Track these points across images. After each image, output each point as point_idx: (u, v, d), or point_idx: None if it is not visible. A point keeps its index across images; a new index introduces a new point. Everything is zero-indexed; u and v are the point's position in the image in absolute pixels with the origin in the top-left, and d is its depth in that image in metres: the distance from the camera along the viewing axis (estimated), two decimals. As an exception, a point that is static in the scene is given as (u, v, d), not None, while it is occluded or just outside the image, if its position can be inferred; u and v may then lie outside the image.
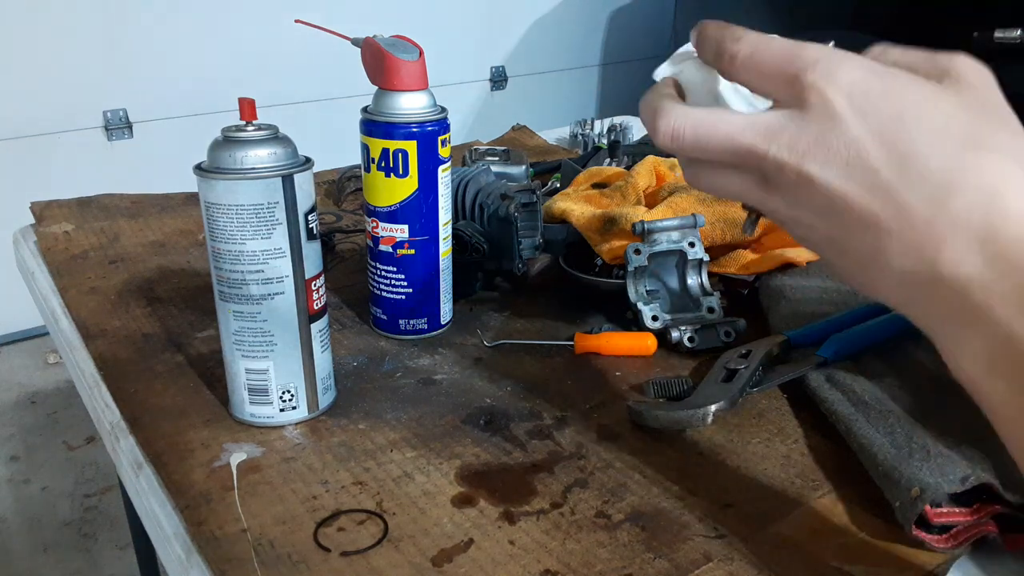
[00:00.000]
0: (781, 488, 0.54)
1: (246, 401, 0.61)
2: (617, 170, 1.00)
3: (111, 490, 1.87)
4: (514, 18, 3.20)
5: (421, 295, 0.73)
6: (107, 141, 2.46)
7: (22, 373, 2.37)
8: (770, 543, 0.49)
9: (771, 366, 0.64)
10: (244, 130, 0.56)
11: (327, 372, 0.63)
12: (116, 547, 1.71)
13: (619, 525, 0.51)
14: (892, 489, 0.49)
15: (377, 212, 0.71)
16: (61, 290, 0.85)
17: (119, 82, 2.43)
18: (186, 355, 0.71)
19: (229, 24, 2.54)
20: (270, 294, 0.58)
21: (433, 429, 0.61)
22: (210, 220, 0.56)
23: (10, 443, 2.06)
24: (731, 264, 0.78)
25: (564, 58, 3.39)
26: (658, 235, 0.74)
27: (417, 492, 0.54)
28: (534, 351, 0.72)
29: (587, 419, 0.62)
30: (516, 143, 1.37)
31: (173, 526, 0.52)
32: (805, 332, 0.67)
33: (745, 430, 0.60)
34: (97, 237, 0.97)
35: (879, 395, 0.58)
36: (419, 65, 0.67)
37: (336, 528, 0.51)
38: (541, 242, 0.81)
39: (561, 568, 0.47)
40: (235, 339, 0.59)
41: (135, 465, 0.59)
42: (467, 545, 0.49)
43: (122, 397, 0.66)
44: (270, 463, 0.57)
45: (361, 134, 0.69)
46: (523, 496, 0.53)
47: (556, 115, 3.09)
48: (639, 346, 0.71)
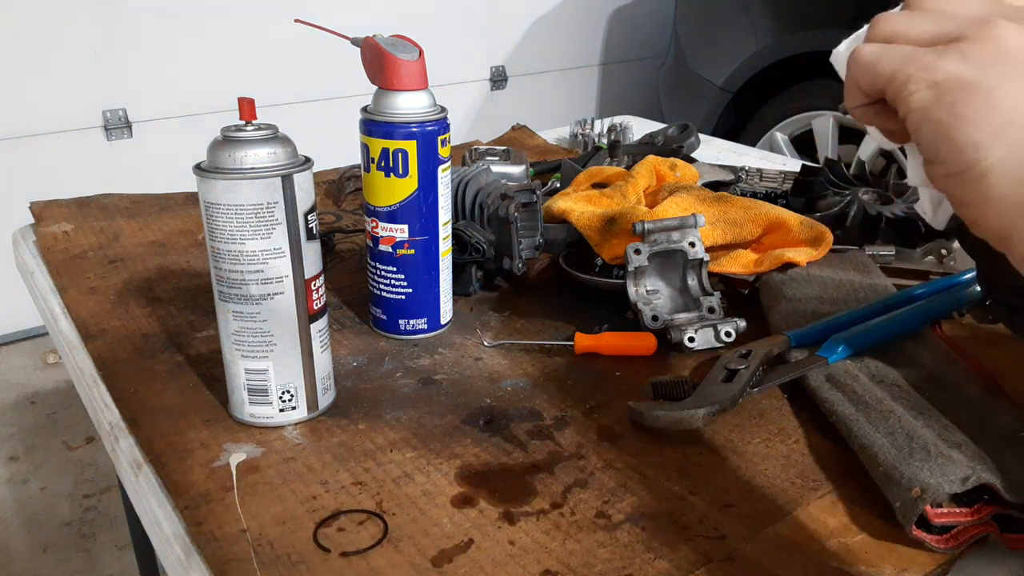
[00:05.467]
0: (781, 488, 0.54)
1: (246, 401, 0.60)
2: (617, 170, 1.00)
3: (111, 490, 1.87)
4: (514, 18, 3.20)
5: (421, 295, 0.73)
6: (106, 141, 2.46)
7: (22, 373, 2.37)
8: (770, 543, 0.49)
9: (771, 366, 0.64)
10: (244, 130, 0.56)
11: (327, 372, 0.63)
12: (116, 547, 1.71)
13: (619, 525, 0.51)
14: (892, 489, 0.49)
15: (377, 212, 0.70)
16: (60, 290, 0.85)
17: (119, 82, 2.43)
18: (186, 355, 0.71)
19: (229, 24, 2.54)
20: (270, 294, 0.58)
21: (433, 429, 0.61)
22: (210, 220, 0.56)
23: (10, 443, 2.06)
24: (731, 264, 0.78)
25: (564, 58, 3.39)
26: (658, 235, 0.74)
27: (417, 492, 0.54)
28: (534, 351, 0.72)
29: (587, 419, 0.62)
30: (516, 143, 1.37)
31: (173, 526, 0.52)
32: (805, 332, 0.67)
33: (745, 430, 0.60)
34: (96, 237, 0.97)
35: (879, 395, 0.58)
36: (419, 65, 0.67)
37: (336, 528, 0.51)
38: (541, 242, 0.81)
39: (561, 568, 0.47)
40: (235, 339, 0.59)
41: (135, 465, 0.59)
42: (467, 545, 0.49)
43: (122, 397, 0.66)
44: (270, 463, 0.57)
45: (361, 134, 0.69)
46: (523, 496, 0.53)
47: (556, 115, 3.09)
48: (639, 346, 0.71)
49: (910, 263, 0.81)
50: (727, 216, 0.81)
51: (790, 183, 1.03)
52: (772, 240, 0.81)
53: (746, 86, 2.33)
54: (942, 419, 0.55)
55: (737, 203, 0.82)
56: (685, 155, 1.16)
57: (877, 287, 0.74)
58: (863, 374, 0.61)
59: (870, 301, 0.71)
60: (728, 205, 0.82)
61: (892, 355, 0.64)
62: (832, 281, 0.75)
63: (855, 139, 2.12)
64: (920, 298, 0.70)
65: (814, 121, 2.19)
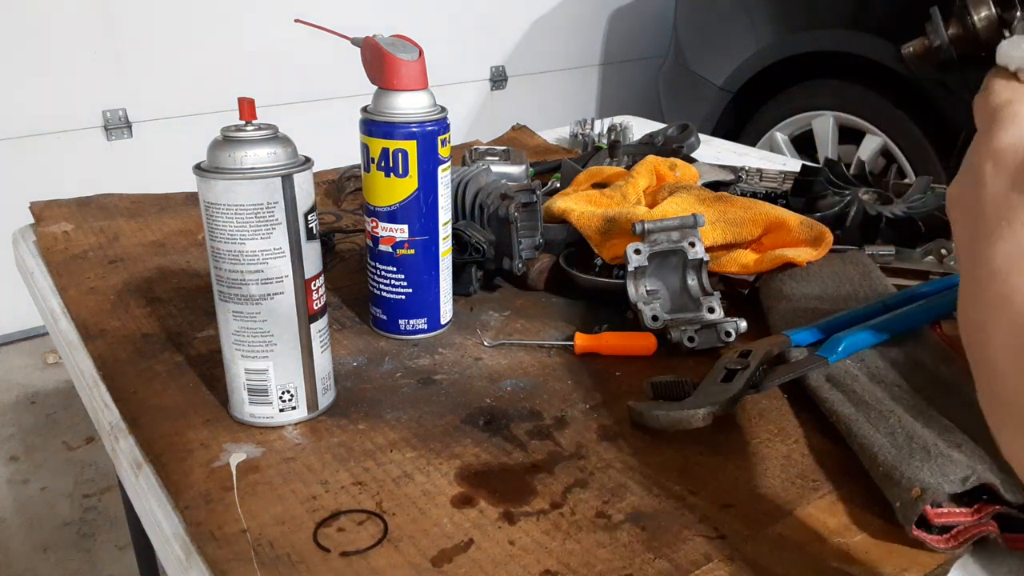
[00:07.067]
0: (781, 488, 0.54)
1: (246, 401, 0.60)
2: (617, 170, 1.00)
3: (111, 490, 1.87)
4: (514, 18, 3.20)
5: (421, 295, 0.73)
6: (106, 141, 2.46)
7: (22, 373, 2.37)
8: (770, 543, 0.49)
9: (771, 366, 0.64)
10: (244, 130, 0.56)
11: (327, 372, 0.63)
12: (116, 547, 1.71)
13: (619, 525, 0.51)
14: (892, 489, 0.49)
15: (377, 212, 0.70)
16: (60, 290, 0.85)
17: (119, 82, 2.43)
18: (186, 355, 0.71)
19: (229, 24, 2.54)
20: (270, 294, 0.58)
21: (433, 429, 0.61)
22: (210, 220, 0.56)
23: (10, 443, 2.06)
24: (731, 264, 0.78)
25: (564, 58, 3.39)
26: (658, 235, 0.74)
27: (417, 492, 0.54)
28: (534, 351, 0.72)
29: (587, 419, 0.62)
30: (516, 143, 1.37)
31: (172, 526, 0.52)
32: (805, 332, 0.67)
33: (745, 430, 0.60)
34: (96, 237, 0.97)
35: (879, 395, 0.58)
36: (419, 65, 0.67)
37: (336, 528, 0.51)
38: (541, 242, 0.81)
39: (561, 568, 0.47)
40: (235, 339, 0.59)
41: (135, 465, 0.59)
42: (467, 545, 0.49)
43: (121, 397, 0.66)
44: (269, 463, 0.57)
45: (361, 134, 0.69)
46: (523, 496, 0.53)
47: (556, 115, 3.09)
48: (639, 346, 0.71)
49: (910, 263, 0.81)
50: (727, 216, 0.80)
51: (790, 183, 1.03)
52: (772, 240, 0.81)
53: (746, 86, 2.32)
54: (942, 419, 0.55)
55: (737, 203, 0.82)
56: (685, 155, 1.16)
57: (877, 287, 0.74)
58: (863, 374, 0.61)
59: (870, 301, 0.71)
60: (728, 205, 0.82)
61: (892, 355, 0.64)
62: (832, 281, 0.75)
63: (855, 139, 2.11)
64: (920, 298, 0.70)
65: (814, 121, 2.19)
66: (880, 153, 2.06)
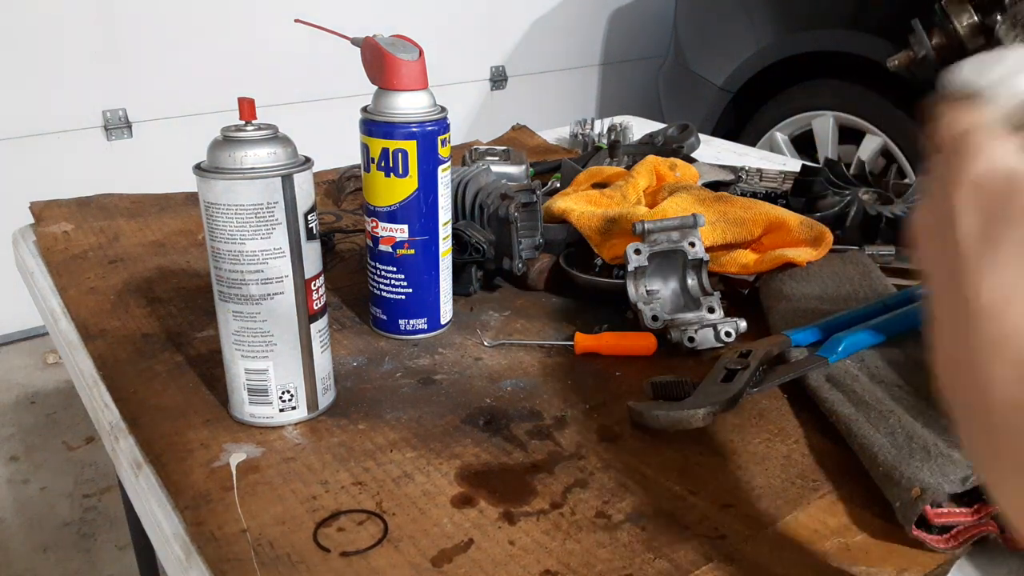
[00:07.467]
0: (781, 488, 0.54)
1: (246, 401, 0.60)
2: (617, 170, 1.00)
3: (111, 490, 1.87)
4: (514, 18, 3.20)
5: (421, 295, 0.73)
6: (106, 141, 2.46)
7: (21, 373, 2.37)
8: (770, 543, 0.49)
9: (771, 366, 0.64)
10: (244, 130, 0.56)
11: (327, 372, 0.63)
12: (116, 547, 1.71)
13: (619, 525, 0.51)
14: (892, 489, 0.49)
15: (377, 212, 0.70)
16: (60, 290, 0.85)
17: (119, 82, 2.43)
18: (185, 355, 0.71)
19: (229, 24, 2.54)
20: (270, 294, 0.58)
21: (433, 429, 0.61)
22: (210, 220, 0.56)
23: (10, 443, 2.06)
24: (731, 264, 0.78)
25: (564, 58, 3.39)
26: (658, 235, 0.74)
27: (417, 492, 0.54)
28: (534, 351, 0.72)
29: (587, 419, 0.62)
30: (516, 143, 1.37)
31: (172, 526, 0.52)
32: (805, 332, 0.67)
33: (745, 430, 0.60)
34: (96, 237, 0.97)
35: (879, 395, 0.58)
36: (419, 65, 0.67)
37: (336, 528, 0.51)
38: (541, 242, 0.81)
39: (561, 568, 0.47)
40: (235, 339, 0.59)
41: (135, 465, 0.59)
42: (467, 545, 0.49)
43: (121, 397, 0.66)
44: (269, 463, 0.57)
45: (361, 134, 0.69)
46: (523, 496, 0.53)
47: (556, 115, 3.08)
48: (639, 346, 0.71)
49: (910, 263, 0.81)
50: (727, 216, 0.80)
51: (790, 183, 1.03)
52: (772, 240, 0.81)
53: (746, 86, 2.32)
54: (942, 419, 0.55)
55: (737, 203, 0.82)
56: (685, 155, 1.16)
57: (877, 287, 0.74)
58: (863, 374, 0.61)
59: (870, 301, 0.71)
60: (728, 205, 0.82)
61: (892, 355, 0.64)
62: (832, 281, 0.75)
63: (855, 139, 2.11)
64: (920, 298, 0.70)
65: (814, 121, 2.19)
66: (880, 153, 2.06)
